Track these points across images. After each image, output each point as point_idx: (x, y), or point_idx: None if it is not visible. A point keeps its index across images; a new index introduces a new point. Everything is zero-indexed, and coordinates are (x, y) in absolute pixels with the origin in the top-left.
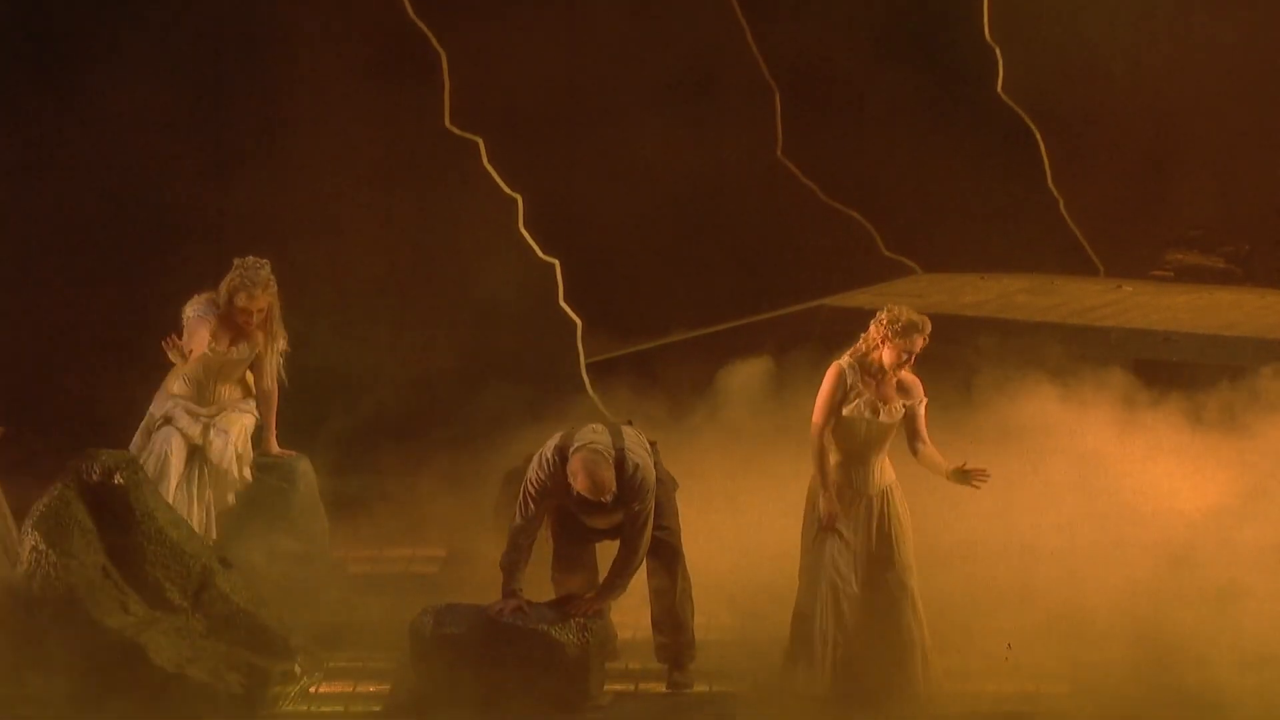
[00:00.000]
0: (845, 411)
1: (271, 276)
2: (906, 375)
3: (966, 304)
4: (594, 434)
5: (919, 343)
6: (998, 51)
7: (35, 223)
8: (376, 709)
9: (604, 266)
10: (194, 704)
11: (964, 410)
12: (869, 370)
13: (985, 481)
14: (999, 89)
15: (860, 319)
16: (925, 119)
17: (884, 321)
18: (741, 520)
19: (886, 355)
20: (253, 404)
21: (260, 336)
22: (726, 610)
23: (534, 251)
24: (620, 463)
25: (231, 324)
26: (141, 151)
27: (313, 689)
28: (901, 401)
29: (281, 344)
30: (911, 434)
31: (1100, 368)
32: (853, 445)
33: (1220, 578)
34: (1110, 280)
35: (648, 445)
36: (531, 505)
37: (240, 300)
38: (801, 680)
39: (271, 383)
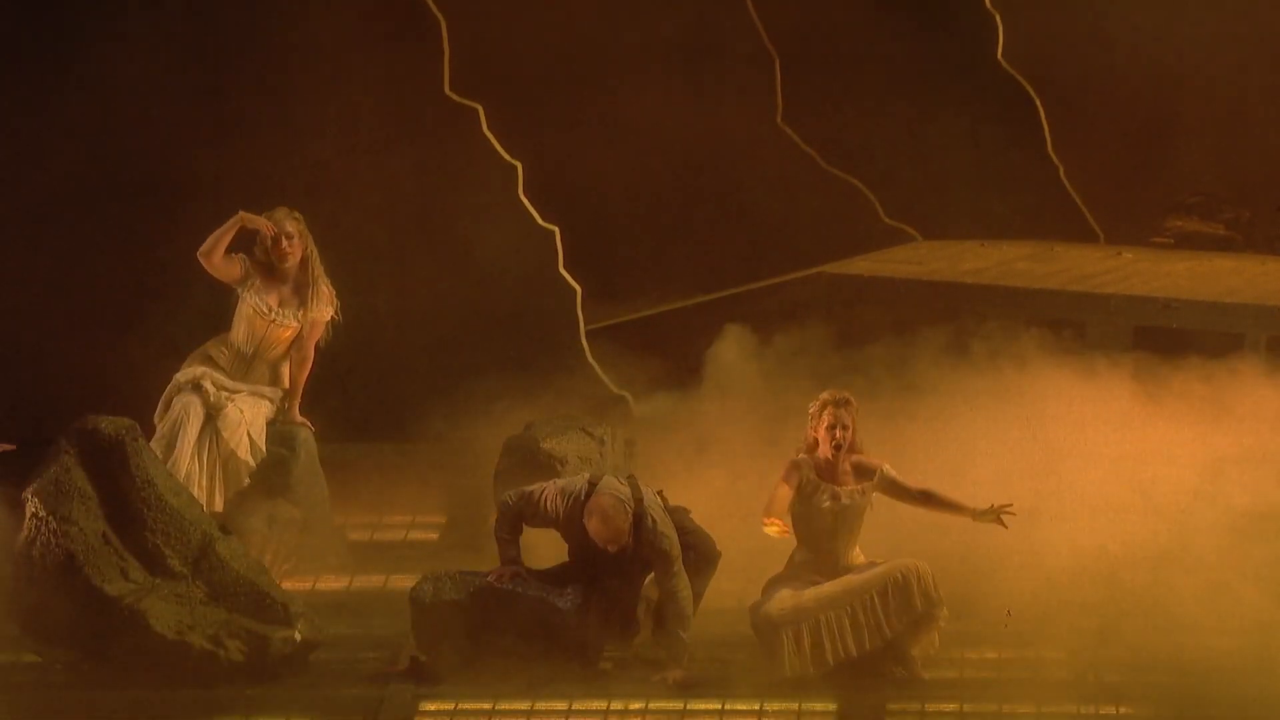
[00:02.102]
0: (803, 504)
1: (297, 213)
2: (860, 459)
3: (966, 271)
4: (619, 484)
5: (842, 415)
6: (998, 18)
7: (35, 189)
8: (376, 676)
9: (604, 234)
10: (194, 671)
11: (964, 377)
12: (819, 461)
13: (1014, 516)
14: (999, 56)
15: (860, 286)
16: (925, 86)
17: (809, 413)
18: (741, 486)
19: (822, 439)
20: (278, 394)
21: (306, 291)
22: (726, 576)
23: (534, 218)
24: (639, 517)
25: (273, 276)
26: (141, 117)
27: (311, 656)
28: (861, 484)
29: (329, 309)
30: (911, 499)
31: (1100, 334)
32: (817, 533)
33: (1218, 544)
34: (1110, 247)
35: (662, 498)
36: (540, 511)
37: (268, 229)
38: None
39: (310, 347)
